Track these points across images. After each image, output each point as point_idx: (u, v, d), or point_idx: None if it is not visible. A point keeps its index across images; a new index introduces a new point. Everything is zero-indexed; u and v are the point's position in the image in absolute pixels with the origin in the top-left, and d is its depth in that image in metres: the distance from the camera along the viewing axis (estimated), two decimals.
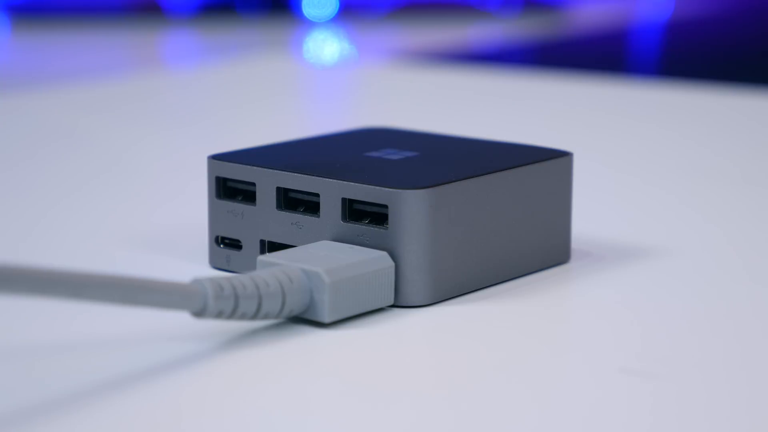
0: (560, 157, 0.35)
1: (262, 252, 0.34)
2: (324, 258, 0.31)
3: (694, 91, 0.70)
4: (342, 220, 0.32)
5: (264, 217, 0.34)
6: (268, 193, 0.34)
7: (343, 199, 0.32)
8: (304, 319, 0.31)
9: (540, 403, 0.26)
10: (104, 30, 1.24)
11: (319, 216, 0.33)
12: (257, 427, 0.25)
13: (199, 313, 0.29)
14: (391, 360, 0.29)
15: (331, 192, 0.33)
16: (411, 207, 0.31)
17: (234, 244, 0.35)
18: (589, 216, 0.40)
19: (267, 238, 0.34)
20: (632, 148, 0.55)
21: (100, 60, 1.04)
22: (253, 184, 0.34)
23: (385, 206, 0.32)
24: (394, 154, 0.35)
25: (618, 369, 0.28)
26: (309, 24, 1.34)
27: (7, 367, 0.28)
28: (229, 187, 0.35)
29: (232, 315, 0.29)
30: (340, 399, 0.27)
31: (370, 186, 0.32)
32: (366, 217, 0.32)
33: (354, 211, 0.32)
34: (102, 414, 0.26)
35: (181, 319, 0.30)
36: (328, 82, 0.87)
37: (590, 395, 0.27)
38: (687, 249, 0.38)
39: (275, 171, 0.34)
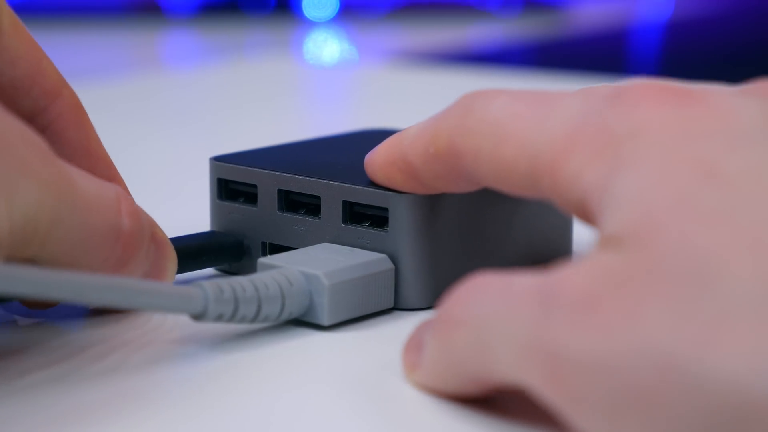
0: None
1: (264, 254, 0.34)
2: (324, 261, 0.31)
3: None
4: (342, 222, 0.32)
5: (265, 219, 0.34)
6: (269, 195, 0.34)
7: (344, 202, 0.32)
8: (303, 321, 0.31)
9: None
10: (104, 30, 1.24)
11: (319, 218, 0.33)
12: (256, 429, 0.25)
13: (199, 316, 0.29)
14: (391, 363, 0.28)
15: (332, 194, 0.33)
16: (411, 210, 0.31)
17: None
18: None
19: (268, 240, 0.34)
20: None
21: (100, 60, 1.04)
22: (255, 186, 0.34)
23: (386, 209, 0.32)
24: None
25: None
26: (309, 24, 1.34)
27: (4, 368, 0.28)
28: (231, 188, 0.35)
29: (232, 318, 0.29)
30: (339, 402, 0.27)
31: (371, 189, 0.32)
32: (366, 220, 0.32)
33: (354, 213, 0.32)
34: (101, 416, 0.26)
35: (180, 322, 0.30)
36: (329, 83, 0.87)
37: None
38: None
39: (277, 173, 0.34)
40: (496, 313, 0.24)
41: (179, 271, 0.33)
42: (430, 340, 0.26)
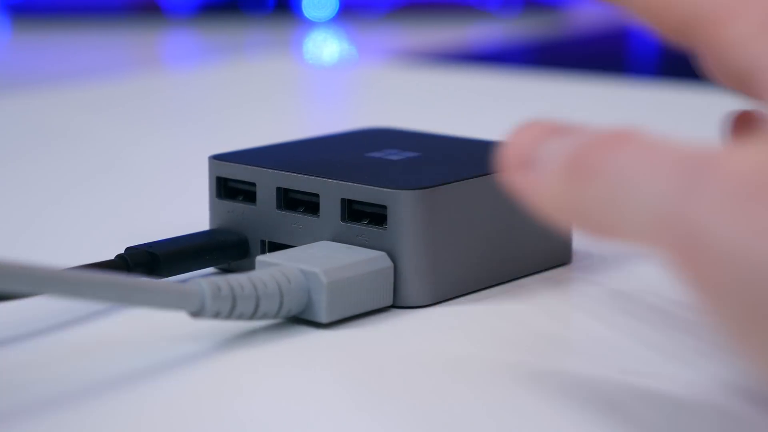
0: None
1: (263, 252, 0.34)
2: (322, 258, 0.31)
3: (694, 91, 0.70)
4: (341, 220, 0.32)
5: (264, 217, 0.34)
6: (268, 193, 0.34)
7: (343, 200, 0.32)
8: (302, 319, 0.31)
9: (539, 404, 0.26)
10: (104, 30, 1.24)
11: (318, 216, 0.33)
12: (255, 427, 0.25)
13: (197, 313, 0.29)
14: (390, 361, 0.28)
15: (331, 192, 0.33)
16: (410, 207, 0.31)
17: None
18: None
19: (267, 238, 0.34)
20: None
21: (100, 60, 1.04)
22: (254, 184, 0.34)
23: (384, 207, 0.32)
24: (394, 155, 0.35)
25: (619, 370, 0.28)
26: (309, 24, 1.34)
27: (3, 367, 0.28)
28: (230, 187, 0.35)
29: (229, 315, 0.29)
30: (338, 400, 0.27)
31: (369, 186, 0.32)
32: (365, 218, 0.32)
33: (353, 211, 0.32)
34: (99, 414, 0.26)
35: (178, 319, 0.30)
36: (329, 82, 0.87)
37: (590, 397, 0.27)
38: None
39: (275, 171, 0.34)
40: (636, 171, 0.22)
41: (185, 271, 0.33)
42: (556, 181, 0.23)
